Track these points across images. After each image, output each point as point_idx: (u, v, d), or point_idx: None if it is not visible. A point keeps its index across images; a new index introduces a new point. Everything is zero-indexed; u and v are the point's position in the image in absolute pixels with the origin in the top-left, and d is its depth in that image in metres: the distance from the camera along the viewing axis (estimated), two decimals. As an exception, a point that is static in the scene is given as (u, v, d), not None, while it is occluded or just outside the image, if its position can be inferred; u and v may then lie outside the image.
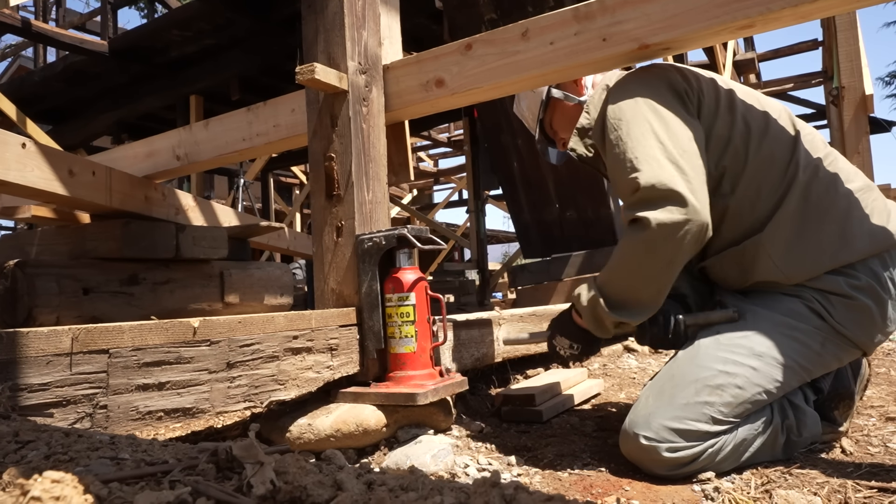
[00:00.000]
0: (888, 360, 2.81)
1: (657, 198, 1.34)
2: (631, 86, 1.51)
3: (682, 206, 1.32)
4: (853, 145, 4.58)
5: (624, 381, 2.53)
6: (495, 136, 4.67)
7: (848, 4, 1.38)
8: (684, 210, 1.32)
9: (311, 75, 1.60)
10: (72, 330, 1.03)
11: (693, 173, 1.36)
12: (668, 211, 1.32)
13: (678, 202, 1.32)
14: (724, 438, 1.32)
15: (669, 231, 1.32)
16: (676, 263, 1.38)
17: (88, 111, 6.42)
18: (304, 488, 0.48)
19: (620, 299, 1.43)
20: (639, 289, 1.42)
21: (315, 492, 0.47)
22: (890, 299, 1.41)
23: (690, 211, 1.32)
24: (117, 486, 0.46)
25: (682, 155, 1.37)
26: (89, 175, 2.07)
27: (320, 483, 0.48)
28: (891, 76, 13.42)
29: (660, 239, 1.33)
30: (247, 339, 1.32)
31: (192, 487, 0.46)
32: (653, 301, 1.43)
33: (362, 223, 1.68)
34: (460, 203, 11.70)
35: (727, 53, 6.16)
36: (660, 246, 1.34)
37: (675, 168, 1.35)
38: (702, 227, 1.34)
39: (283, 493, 0.48)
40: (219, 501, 0.45)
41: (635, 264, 1.39)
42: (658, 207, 1.33)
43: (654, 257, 1.36)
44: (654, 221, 1.32)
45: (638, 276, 1.40)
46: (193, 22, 5.00)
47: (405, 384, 1.53)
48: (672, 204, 1.32)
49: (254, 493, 0.47)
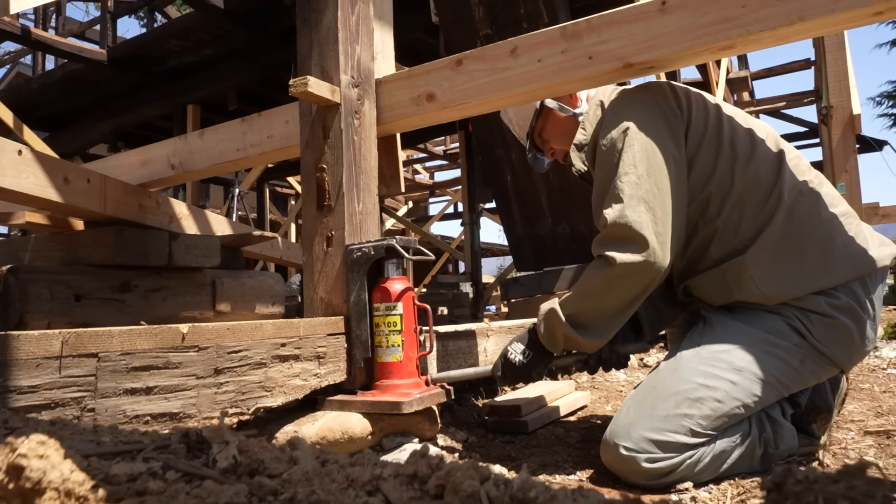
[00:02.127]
0: (872, 376, 2.84)
1: (622, 238, 1.42)
2: (625, 109, 1.55)
3: (644, 250, 1.39)
4: (841, 163, 4.65)
5: (611, 394, 2.55)
6: (489, 149, 4.72)
7: (824, 28, 1.42)
8: (645, 253, 1.39)
9: (304, 88, 1.64)
10: (62, 333, 1.05)
11: (662, 215, 1.42)
12: (630, 253, 1.40)
13: (641, 245, 1.40)
14: (703, 450, 1.35)
15: (628, 271, 1.40)
16: (633, 299, 1.47)
17: (86, 119, 6.45)
18: (261, 462, 0.51)
19: (576, 319, 1.49)
20: (594, 314, 1.49)
21: (272, 465, 0.50)
22: (869, 319, 1.44)
23: (651, 254, 1.39)
24: (96, 459, 0.49)
25: (655, 196, 1.42)
26: (84, 182, 2.09)
27: (277, 458, 0.52)
28: (882, 96, 13.57)
29: (618, 277, 1.42)
30: (235, 345, 1.34)
31: (162, 462, 0.49)
32: (606, 327, 1.50)
33: (352, 233, 1.71)
34: (455, 216, 11.75)
35: (721, 71, 6.24)
36: (617, 284, 1.43)
37: (645, 208, 1.41)
38: (660, 272, 1.42)
39: (243, 465, 0.51)
40: (185, 472, 0.48)
41: (594, 294, 1.47)
42: (621, 248, 1.41)
43: (612, 292, 1.45)
44: (618, 261, 1.40)
45: (594, 304, 1.48)
46: (192, 32, 5.05)
47: (391, 393, 1.55)
48: (634, 245, 1.40)
49: (217, 466, 0.51)
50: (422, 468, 0.46)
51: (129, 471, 0.46)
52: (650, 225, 1.40)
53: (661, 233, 1.40)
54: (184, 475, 0.48)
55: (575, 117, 1.76)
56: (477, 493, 0.42)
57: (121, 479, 0.45)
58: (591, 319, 1.49)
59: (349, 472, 0.47)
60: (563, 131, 1.80)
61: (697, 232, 1.54)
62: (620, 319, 1.50)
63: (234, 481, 0.47)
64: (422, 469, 0.46)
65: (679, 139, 1.51)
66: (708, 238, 1.52)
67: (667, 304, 1.75)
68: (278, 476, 0.48)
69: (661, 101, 1.55)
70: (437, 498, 0.43)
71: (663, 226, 1.41)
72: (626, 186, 1.43)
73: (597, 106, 1.69)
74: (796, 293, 1.43)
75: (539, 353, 1.58)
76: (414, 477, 0.46)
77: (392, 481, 0.45)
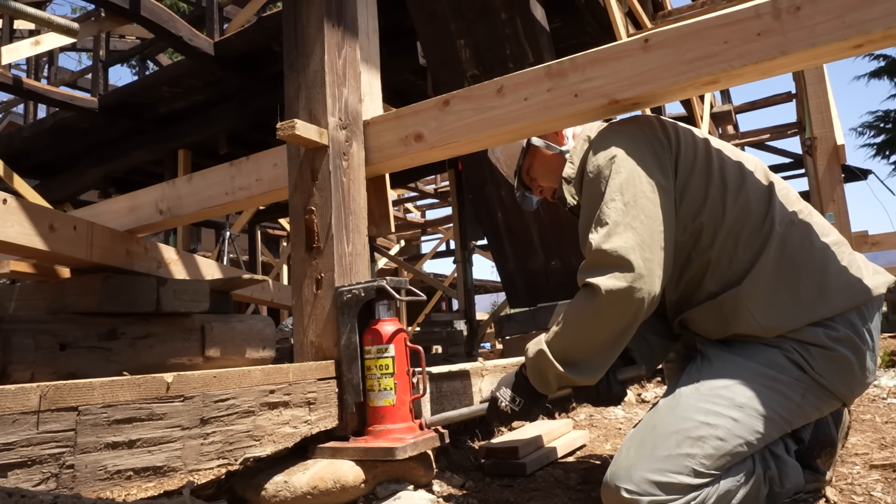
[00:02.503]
0: (873, 406, 2.80)
1: (607, 263, 1.38)
2: (611, 139, 1.55)
3: (629, 273, 1.35)
4: (828, 193, 4.70)
5: (610, 432, 2.50)
6: (479, 187, 4.75)
7: (805, 62, 1.44)
8: (630, 277, 1.35)
9: (291, 131, 1.64)
10: (40, 387, 1.01)
11: (650, 241, 1.39)
12: (614, 278, 1.35)
13: (627, 269, 1.36)
14: (707, 491, 1.31)
15: (615, 298, 1.35)
16: (623, 329, 1.41)
17: (76, 166, 6.47)
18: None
19: (566, 357, 1.44)
20: (585, 349, 1.44)
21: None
22: (868, 350, 1.41)
23: (637, 278, 1.35)
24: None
25: (643, 221, 1.40)
26: (70, 230, 2.07)
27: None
28: (864, 126, 13.83)
29: (605, 305, 1.37)
30: (222, 394, 1.31)
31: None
32: (600, 362, 1.45)
33: (342, 275, 1.69)
34: (448, 253, 11.76)
35: (705, 106, 6.35)
36: (604, 312, 1.38)
37: (632, 233, 1.38)
38: (650, 296, 1.37)
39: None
40: None
41: (583, 327, 1.42)
42: (607, 274, 1.37)
43: (601, 323, 1.40)
44: (603, 288, 1.35)
45: (584, 338, 1.43)
46: (183, 79, 5.12)
47: (384, 438, 1.51)
48: (620, 271, 1.36)
49: None
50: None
51: None
52: (637, 250, 1.36)
53: (649, 258, 1.37)
54: None
55: (562, 154, 1.76)
56: None
57: None
58: (583, 355, 1.44)
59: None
60: (551, 169, 1.80)
61: (691, 263, 1.52)
62: (614, 352, 1.45)
63: None
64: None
65: (666, 168, 1.50)
66: (702, 269, 1.51)
67: (658, 337, 1.72)
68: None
69: (647, 131, 1.55)
70: None
71: (650, 252, 1.38)
72: (612, 212, 1.41)
73: (584, 141, 1.69)
74: (794, 324, 1.40)
75: (531, 399, 1.53)
76: None
77: None
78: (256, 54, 4.76)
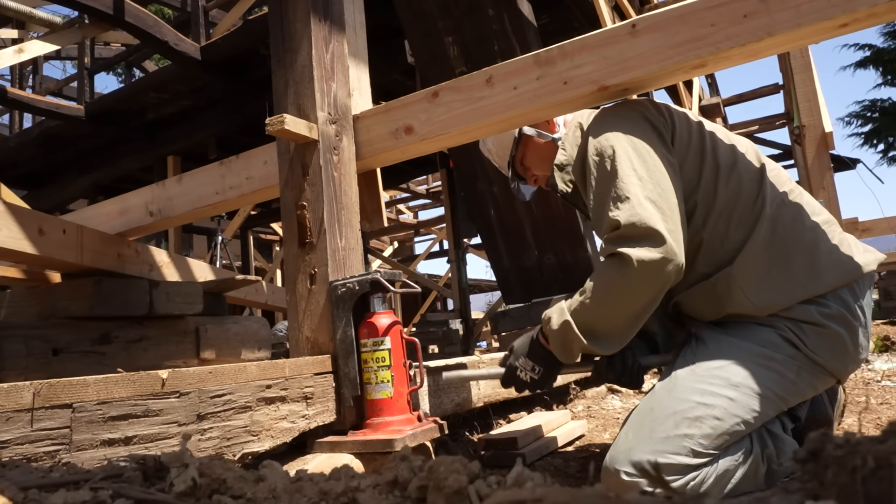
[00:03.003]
0: (867, 388, 2.82)
1: (637, 235, 1.35)
2: (610, 120, 1.55)
3: (660, 245, 1.34)
4: (818, 181, 4.72)
5: (608, 422, 2.50)
6: (471, 184, 4.74)
7: (792, 43, 1.45)
8: (662, 249, 1.33)
9: (280, 126, 1.63)
10: (34, 385, 1.00)
11: (670, 213, 1.39)
12: (648, 249, 1.34)
13: (657, 241, 1.34)
14: (706, 471, 1.31)
15: (647, 269, 1.34)
16: (650, 300, 1.40)
17: (65, 175, 6.42)
18: (223, 481, 0.47)
19: (592, 329, 1.43)
20: (610, 321, 1.42)
21: (235, 485, 0.46)
22: (860, 327, 1.42)
23: (668, 250, 1.34)
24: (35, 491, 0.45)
25: (660, 194, 1.40)
26: (60, 233, 2.05)
27: (241, 478, 0.47)
28: (851, 116, 13.92)
29: (636, 275, 1.34)
30: (218, 389, 1.29)
31: (112, 490, 0.44)
32: (623, 334, 1.44)
33: (336, 270, 1.68)
34: (441, 253, 11.74)
35: (693, 99, 6.37)
36: (635, 283, 1.36)
37: (654, 207, 1.37)
38: (678, 267, 1.36)
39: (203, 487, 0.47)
40: (138, 499, 0.44)
41: (609, 297, 1.40)
42: (637, 245, 1.34)
43: (630, 294, 1.38)
44: (635, 258, 1.33)
45: (611, 309, 1.41)
46: (171, 84, 5.08)
47: (382, 431, 1.50)
48: (651, 242, 1.34)
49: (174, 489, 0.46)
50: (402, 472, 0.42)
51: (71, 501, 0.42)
52: (662, 222, 1.35)
53: (673, 230, 1.36)
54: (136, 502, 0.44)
55: (554, 142, 1.76)
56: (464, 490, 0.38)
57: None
58: (608, 328, 1.42)
59: (322, 487, 0.43)
60: (544, 157, 1.80)
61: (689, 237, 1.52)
62: (638, 324, 1.44)
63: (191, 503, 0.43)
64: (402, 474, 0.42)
65: (668, 144, 1.51)
66: (694, 250, 1.51)
67: (672, 321, 1.72)
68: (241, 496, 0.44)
69: (644, 111, 1.56)
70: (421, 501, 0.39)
71: (673, 223, 1.37)
72: (631, 187, 1.40)
73: (575, 127, 1.70)
74: (787, 302, 1.41)
75: (550, 367, 1.52)
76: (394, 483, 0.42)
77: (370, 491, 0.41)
78: (243, 58, 4.73)
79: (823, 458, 0.32)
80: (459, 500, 0.39)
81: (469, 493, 0.39)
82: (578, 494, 0.33)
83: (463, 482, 0.40)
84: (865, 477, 0.29)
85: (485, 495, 0.39)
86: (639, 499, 0.34)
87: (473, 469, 0.42)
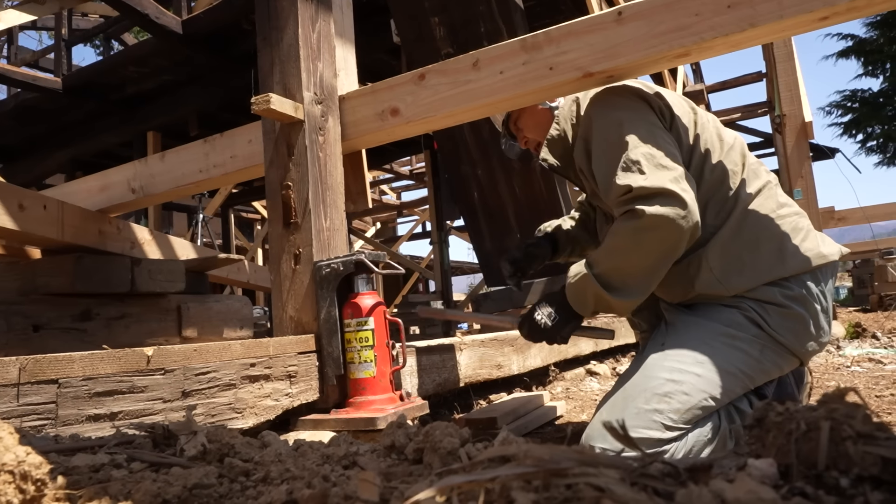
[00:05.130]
0: (837, 374, 2.91)
1: (651, 194, 1.38)
2: (612, 98, 1.59)
3: (675, 201, 1.37)
4: (797, 170, 4.80)
5: (586, 404, 2.56)
6: (455, 166, 4.75)
7: (773, 34, 1.48)
8: (676, 202, 1.36)
9: (266, 105, 1.63)
10: (19, 360, 1.01)
11: (680, 175, 1.42)
12: (660, 206, 1.36)
13: (670, 197, 1.37)
14: (676, 445, 1.36)
15: (656, 224, 1.37)
16: (662, 258, 1.43)
17: (41, 149, 6.30)
18: (231, 447, 0.49)
19: (607, 279, 1.46)
20: (623, 273, 1.45)
21: (243, 450, 0.49)
22: (821, 310, 1.49)
23: (681, 203, 1.37)
24: (55, 455, 0.47)
25: (669, 163, 1.43)
26: (40, 209, 2.03)
27: (248, 444, 0.50)
28: (831, 105, 14.09)
29: (645, 230, 1.38)
30: (203, 367, 1.31)
31: (127, 454, 0.46)
32: (638, 286, 1.46)
33: (320, 250, 1.69)
34: (424, 235, 11.74)
35: (677, 85, 6.42)
36: (644, 237, 1.39)
37: (665, 171, 1.41)
38: (690, 227, 1.39)
39: (213, 452, 0.50)
40: (152, 462, 0.46)
41: (622, 250, 1.43)
42: (653, 202, 1.37)
43: (640, 247, 1.41)
44: (648, 212, 1.36)
45: (623, 262, 1.44)
46: (151, 58, 4.99)
47: (365, 409, 1.53)
48: (663, 199, 1.37)
49: (185, 455, 0.48)
50: (399, 438, 0.45)
51: (90, 462, 0.43)
52: (673, 182, 1.39)
53: (686, 189, 1.40)
54: (150, 465, 0.46)
55: (551, 111, 1.79)
56: (456, 451, 0.41)
57: (82, 469, 0.43)
58: (620, 278, 1.45)
59: (324, 452, 0.46)
60: (539, 123, 1.83)
61: None
62: (652, 280, 1.46)
63: (202, 466, 0.45)
64: (399, 439, 0.45)
65: (665, 126, 1.55)
66: None
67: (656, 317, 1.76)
68: (250, 460, 0.46)
69: (643, 93, 1.59)
70: (417, 462, 0.42)
71: (687, 184, 1.41)
72: (641, 157, 1.43)
73: (572, 103, 1.72)
74: (752, 283, 1.48)
75: (566, 316, 1.55)
76: (391, 448, 0.45)
77: (369, 455, 0.43)
78: (226, 32, 4.66)
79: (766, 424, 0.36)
80: (452, 459, 0.42)
81: (461, 454, 0.43)
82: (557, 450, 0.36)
83: (455, 444, 0.43)
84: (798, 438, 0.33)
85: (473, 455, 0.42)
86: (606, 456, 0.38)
87: (464, 434, 0.46)
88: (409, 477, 0.40)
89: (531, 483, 0.32)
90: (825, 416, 0.33)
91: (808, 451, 0.33)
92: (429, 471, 0.40)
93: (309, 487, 0.40)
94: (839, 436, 0.32)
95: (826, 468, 0.32)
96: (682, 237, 1.39)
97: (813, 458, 0.32)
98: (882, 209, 7.75)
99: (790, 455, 0.33)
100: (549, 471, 0.32)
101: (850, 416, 0.33)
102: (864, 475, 0.31)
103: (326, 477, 0.41)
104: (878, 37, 12.97)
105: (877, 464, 0.31)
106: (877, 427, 0.33)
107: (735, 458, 0.37)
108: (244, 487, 0.42)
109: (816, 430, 0.32)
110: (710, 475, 0.34)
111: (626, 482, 0.32)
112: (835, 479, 0.32)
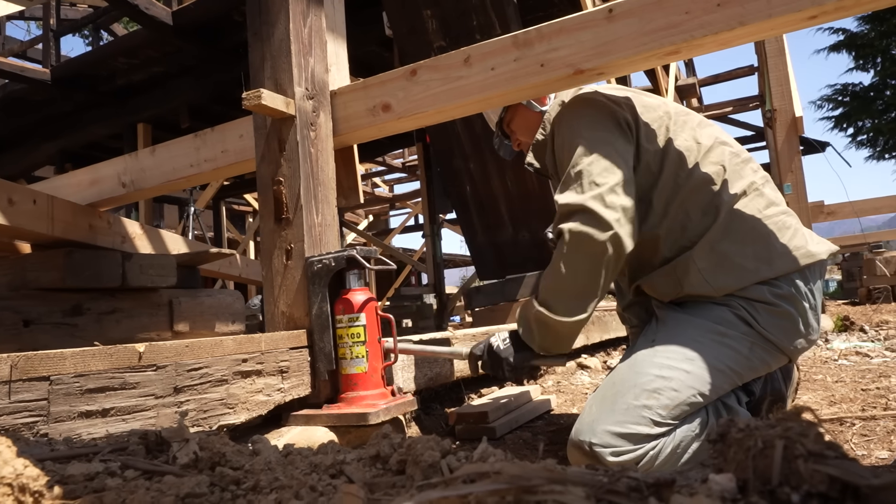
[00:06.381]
0: (825, 367, 2.94)
1: (571, 212, 1.46)
2: (577, 108, 1.63)
3: (590, 217, 1.43)
4: (787, 164, 4.83)
5: (577, 397, 2.58)
6: (447, 160, 4.75)
7: (763, 32, 1.48)
8: (592, 219, 1.43)
9: (257, 101, 1.62)
10: (10, 357, 1.01)
11: (609, 189, 1.46)
12: (581, 222, 1.44)
13: (587, 213, 1.43)
14: (664, 441, 1.38)
15: (581, 239, 1.43)
16: (592, 275, 1.47)
17: (30, 140, 6.25)
18: (222, 455, 0.50)
19: (545, 300, 1.52)
20: (557, 292, 1.51)
21: (234, 458, 0.50)
22: (810, 308, 1.51)
23: (596, 219, 1.42)
24: (50, 463, 0.48)
25: (607, 175, 1.47)
26: (30, 204, 2.02)
27: (239, 452, 0.51)
28: (822, 99, 14.16)
29: (570, 248, 1.45)
30: (194, 363, 1.31)
31: (120, 462, 0.47)
32: (572, 307, 1.50)
33: (312, 246, 1.70)
34: (416, 228, 11.75)
35: (670, 79, 6.42)
36: (570, 256, 1.46)
37: (592, 188, 1.46)
38: (613, 241, 1.43)
39: (204, 460, 0.51)
40: (145, 470, 0.47)
41: (555, 271, 1.50)
42: (572, 220, 1.45)
43: (570, 266, 1.47)
44: (566, 229, 1.45)
45: (558, 282, 1.50)
46: (141, 50, 4.96)
47: (357, 404, 1.53)
48: (583, 216, 1.44)
49: (178, 462, 0.50)
50: (384, 448, 0.46)
51: (85, 471, 0.44)
52: (595, 199, 1.44)
53: (610, 204, 1.44)
54: (143, 473, 0.47)
55: (541, 114, 1.81)
56: (437, 464, 0.42)
57: (77, 478, 0.44)
58: (556, 297, 1.50)
59: (312, 460, 0.47)
60: (529, 126, 1.85)
61: (647, 232, 1.59)
62: (588, 298, 1.50)
63: (195, 475, 0.46)
64: (384, 449, 0.46)
65: (627, 137, 1.57)
66: (657, 238, 1.58)
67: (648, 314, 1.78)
68: (240, 468, 0.47)
69: (611, 104, 1.60)
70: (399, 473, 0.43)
71: (614, 196, 1.45)
72: (579, 173, 1.50)
73: (558, 106, 1.74)
74: (740, 284, 1.49)
75: (517, 346, 1.60)
76: (377, 457, 0.46)
77: (355, 464, 0.45)
78: (217, 24, 4.63)
79: (728, 439, 0.38)
80: (433, 472, 0.43)
81: (441, 466, 0.44)
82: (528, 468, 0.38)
83: (436, 457, 0.44)
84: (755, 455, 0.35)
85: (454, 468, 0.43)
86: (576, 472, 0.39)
87: (445, 446, 0.46)
88: (392, 489, 0.41)
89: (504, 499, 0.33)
90: (780, 434, 0.35)
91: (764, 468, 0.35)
92: (411, 482, 0.42)
93: (297, 498, 0.41)
94: (792, 454, 0.34)
95: (779, 484, 0.34)
96: (604, 252, 1.44)
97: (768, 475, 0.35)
98: (870, 203, 7.83)
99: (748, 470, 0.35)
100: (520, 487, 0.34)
101: (803, 435, 0.35)
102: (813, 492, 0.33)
103: (314, 487, 0.42)
104: (870, 31, 13.03)
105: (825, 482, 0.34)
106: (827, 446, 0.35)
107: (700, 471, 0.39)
108: (234, 496, 0.43)
109: (771, 448, 0.34)
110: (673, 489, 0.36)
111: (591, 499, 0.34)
112: (787, 494, 0.34)
